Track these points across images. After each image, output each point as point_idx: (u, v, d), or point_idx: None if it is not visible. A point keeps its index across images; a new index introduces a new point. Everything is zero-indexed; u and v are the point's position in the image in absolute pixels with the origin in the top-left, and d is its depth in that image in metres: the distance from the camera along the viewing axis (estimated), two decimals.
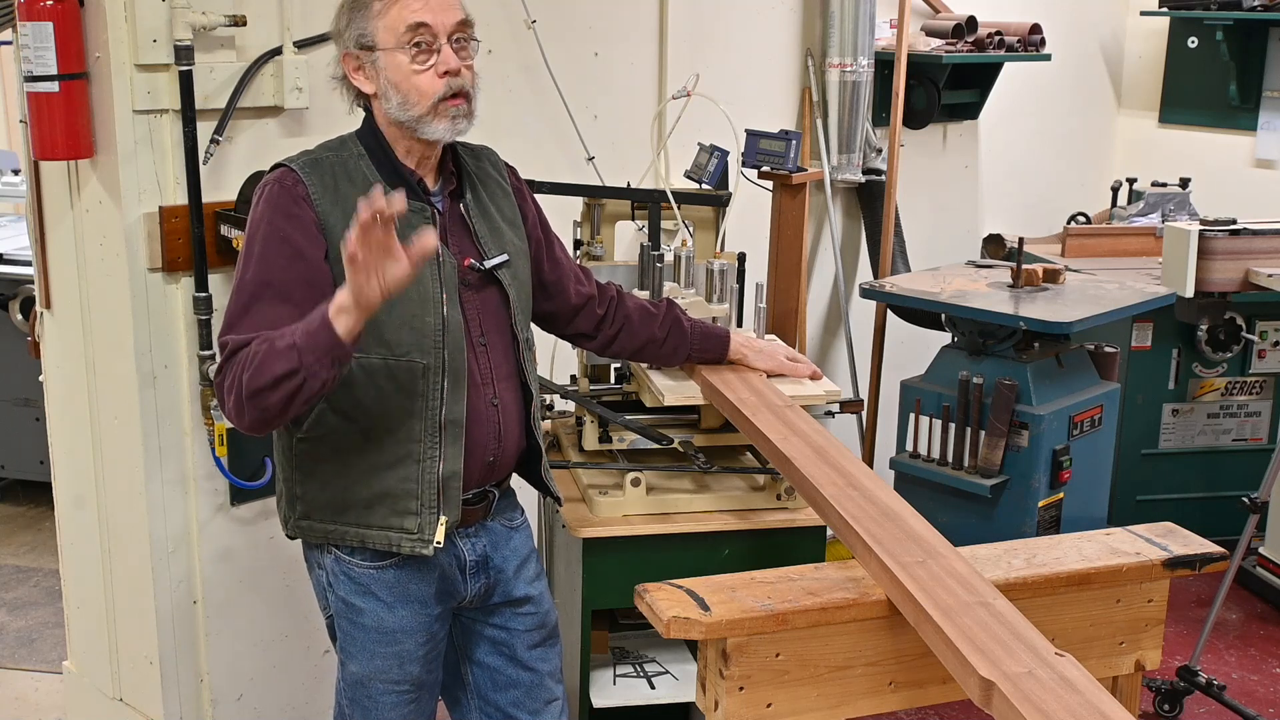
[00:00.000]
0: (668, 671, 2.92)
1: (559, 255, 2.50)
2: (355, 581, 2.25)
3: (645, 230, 3.14)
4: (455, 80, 2.13)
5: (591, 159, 3.68)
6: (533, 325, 2.45)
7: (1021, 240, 4.03)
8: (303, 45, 2.99)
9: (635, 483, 2.66)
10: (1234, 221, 3.45)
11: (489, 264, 2.24)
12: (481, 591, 2.35)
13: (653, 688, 2.87)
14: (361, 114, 2.26)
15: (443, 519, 2.18)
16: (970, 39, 4.50)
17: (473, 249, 2.25)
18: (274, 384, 1.96)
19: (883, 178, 4.43)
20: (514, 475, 2.43)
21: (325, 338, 1.93)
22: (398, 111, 2.15)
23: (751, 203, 3.65)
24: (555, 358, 3.25)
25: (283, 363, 1.95)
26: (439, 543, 2.18)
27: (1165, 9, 5.09)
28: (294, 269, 2.09)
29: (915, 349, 4.37)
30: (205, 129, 2.84)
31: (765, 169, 3.47)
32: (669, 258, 2.92)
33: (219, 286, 2.93)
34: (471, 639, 2.42)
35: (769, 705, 2.01)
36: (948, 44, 4.45)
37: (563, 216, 3.15)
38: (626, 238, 3.56)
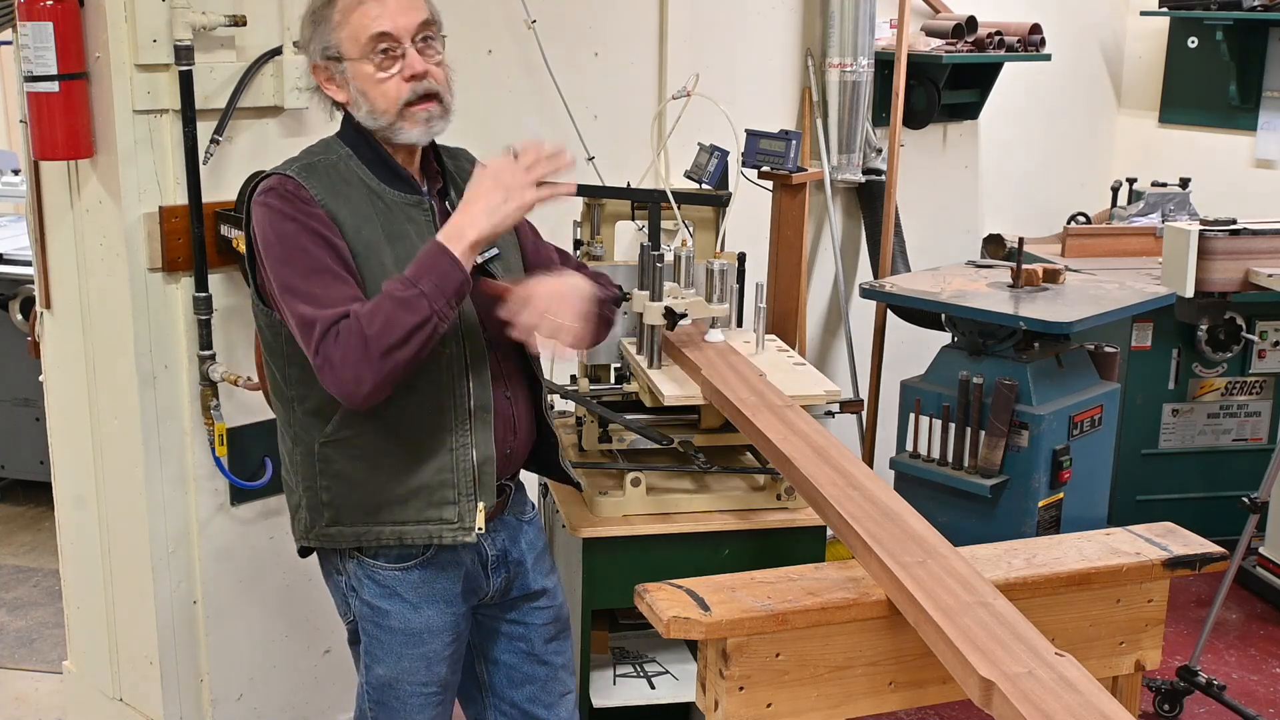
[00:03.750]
0: (668, 671, 2.92)
1: (549, 254, 2.49)
2: (380, 584, 2.24)
3: (645, 230, 3.14)
4: (421, 84, 2.12)
5: (591, 159, 3.68)
6: None
7: (1021, 240, 4.03)
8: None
9: (635, 483, 2.66)
10: (1234, 221, 3.45)
11: (480, 259, 2.24)
12: (502, 586, 2.36)
13: (653, 688, 2.87)
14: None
15: (481, 505, 2.19)
16: (970, 39, 4.50)
17: None
18: (407, 337, 1.97)
19: (883, 178, 4.43)
20: (528, 470, 2.44)
21: (456, 277, 1.99)
22: (368, 119, 2.14)
23: (751, 203, 3.65)
24: (555, 358, 3.24)
25: (413, 314, 1.97)
26: (480, 529, 2.19)
27: (1165, 9, 5.09)
28: (335, 258, 2.07)
29: (915, 349, 4.37)
30: (205, 129, 2.84)
31: (765, 169, 3.47)
32: (669, 258, 2.92)
33: (219, 286, 2.93)
34: (489, 637, 2.43)
35: (769, 705, 2.01)
36: (948, 44, 4.45)
37: (563, 216, 3.16)
38: (626, 238, 3.56)
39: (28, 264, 4.00)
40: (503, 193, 2.02)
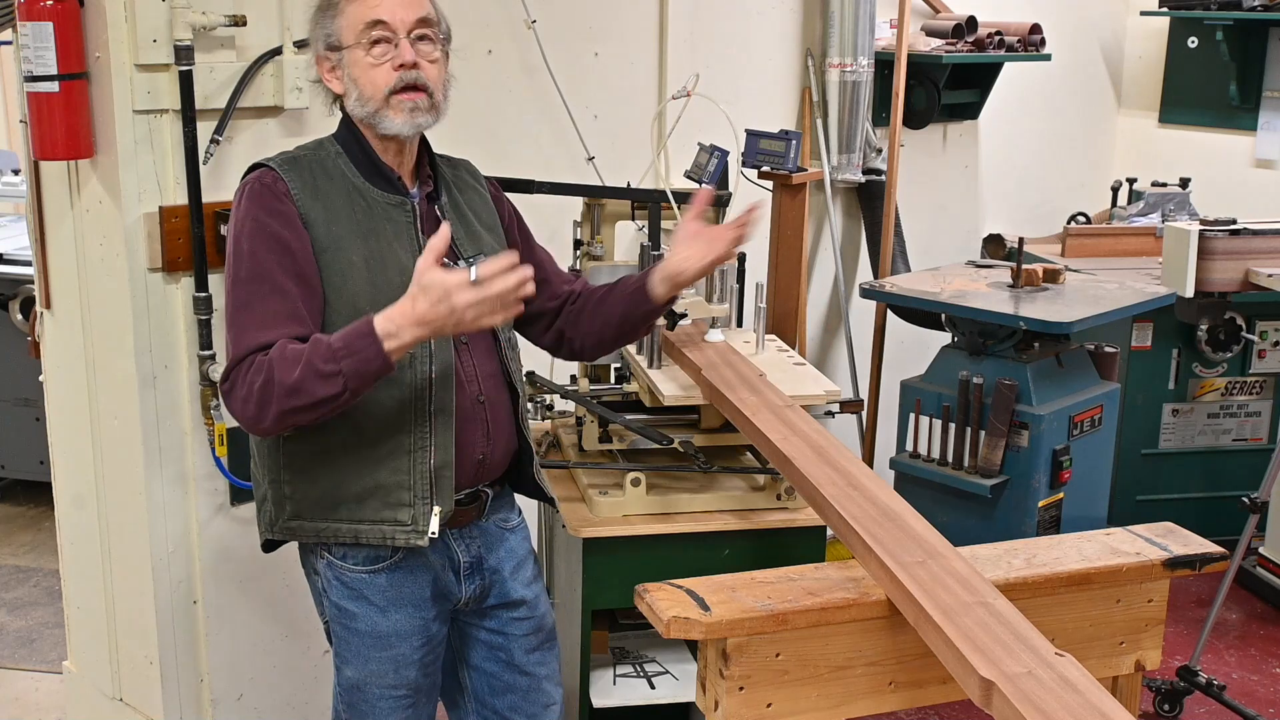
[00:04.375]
0: (668, 671, 2.92)
1: (541, 258, 2.50)
2: (348, 586, 2.25)
3: (645, 230, 3.13)
4: (409, 73, 2.15)
5: (591, 159, 3.68)
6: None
7: (1021, 240, 4.03)
8: (303, 45, 2.98)
9: (635, 483, 2.66)
10: (1234, 221, 3.45)
11: (463, 264, 2.24)
12: (477, 593, 2.35)
13: (653, 688, 2.87)
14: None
15: (436, 509, 2.18)
16: (970, 39, 4.50)
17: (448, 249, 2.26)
18: (313, 405, 2.00)
19: (883, 178, 4.43)
20: (506, 484, 2.42)
21: (377, 366, 1.99)
22: (356, 107, 2.18)
23: (751, 202, 3.64)
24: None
25: (326, 388, 1.98)
26: (434, 533, 2.18)
27: (1165, 9, 5.09)
28: (284, 263, 2.10)
29: (915, 349, 4.37)
30: (205, 129, 2.84)
31: (765, 169, 3.47)
32: None
33: (219, 286, 2.92)
34: (468, 643, 2.42)
35: (769, 705, 2.01)
36: (948, 44, 4.45)
37: (563, 216, 3.16)
38: (626, 238, 3.56)
39: (28, 264, 4.00)
40: (451, 316, 1.96)
